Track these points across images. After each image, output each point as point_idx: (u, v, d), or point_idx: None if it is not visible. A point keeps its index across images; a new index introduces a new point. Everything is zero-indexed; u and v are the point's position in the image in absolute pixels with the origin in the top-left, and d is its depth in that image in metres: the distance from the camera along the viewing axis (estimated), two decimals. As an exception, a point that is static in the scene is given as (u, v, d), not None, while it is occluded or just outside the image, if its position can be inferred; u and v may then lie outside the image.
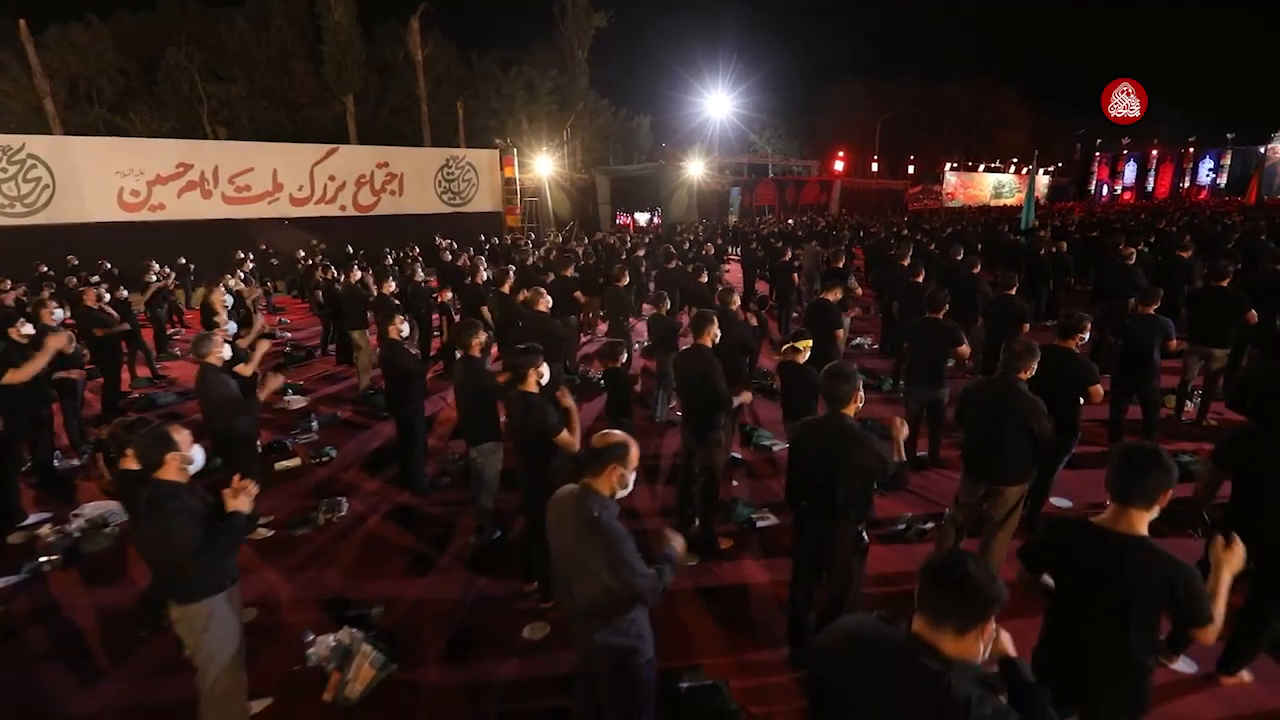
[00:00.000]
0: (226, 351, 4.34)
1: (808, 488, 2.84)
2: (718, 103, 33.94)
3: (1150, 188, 48.57)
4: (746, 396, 4.33)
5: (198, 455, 2.56)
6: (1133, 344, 5.01)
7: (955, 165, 42.48)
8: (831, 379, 2.75)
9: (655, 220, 27.55)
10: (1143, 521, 1.93)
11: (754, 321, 5.58)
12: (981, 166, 44.54)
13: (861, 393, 2.77)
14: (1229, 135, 49.01)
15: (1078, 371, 3.89)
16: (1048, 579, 2.13)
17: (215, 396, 4.05)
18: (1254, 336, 5.85)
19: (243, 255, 14.64)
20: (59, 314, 5.93)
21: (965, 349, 4.80)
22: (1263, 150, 38.38)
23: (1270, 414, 2.84)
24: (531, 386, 3.39)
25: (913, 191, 39.98)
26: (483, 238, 19.15)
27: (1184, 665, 2.96)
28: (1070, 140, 49.22)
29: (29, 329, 5.28)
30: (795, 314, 10.36)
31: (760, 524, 4.37)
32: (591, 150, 30.49)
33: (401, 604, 3.67)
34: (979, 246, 13.11)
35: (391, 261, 14.46)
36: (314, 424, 6.27)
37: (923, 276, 7.71)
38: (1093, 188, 49.29)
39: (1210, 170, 49.76)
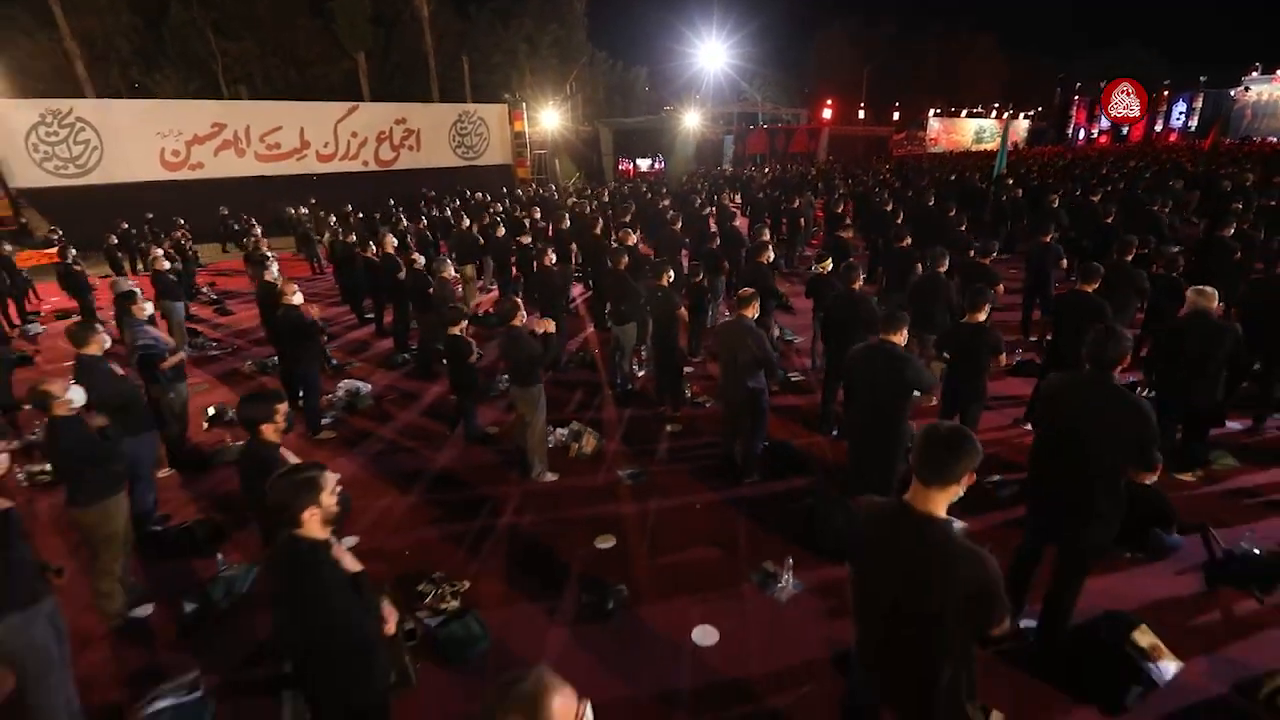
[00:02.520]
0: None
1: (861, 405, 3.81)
2: (711, 53, 33.71)
3: (1125, 131, 48.67)
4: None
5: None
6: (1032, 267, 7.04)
7: (939, 111, 42.38)
8: (889, 318, 3.79)
9: (656, 166, 27.97)
10: (942, 503, 1.77)
11: (769, 257, 6.64)
12: (964, 112, 44.45)
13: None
14: (1202, 78, 48.84)
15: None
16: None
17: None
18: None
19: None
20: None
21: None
22: (1231, 93, 38.56)
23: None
24: (665, 280, 5.64)
25: (897, 138, 40.12)
26: (534, 189, 19.81)
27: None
28: (1049, 84, 48.86)
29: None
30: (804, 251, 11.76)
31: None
32: (593, 103, 30.50)
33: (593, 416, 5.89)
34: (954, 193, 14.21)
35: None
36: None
37: (902, 218, 8.87)
38: (1070, 131, 49.32)
39: (1181, 114, 49.80)
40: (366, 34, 25.42)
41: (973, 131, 44.02)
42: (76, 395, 3.34)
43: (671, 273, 5.88)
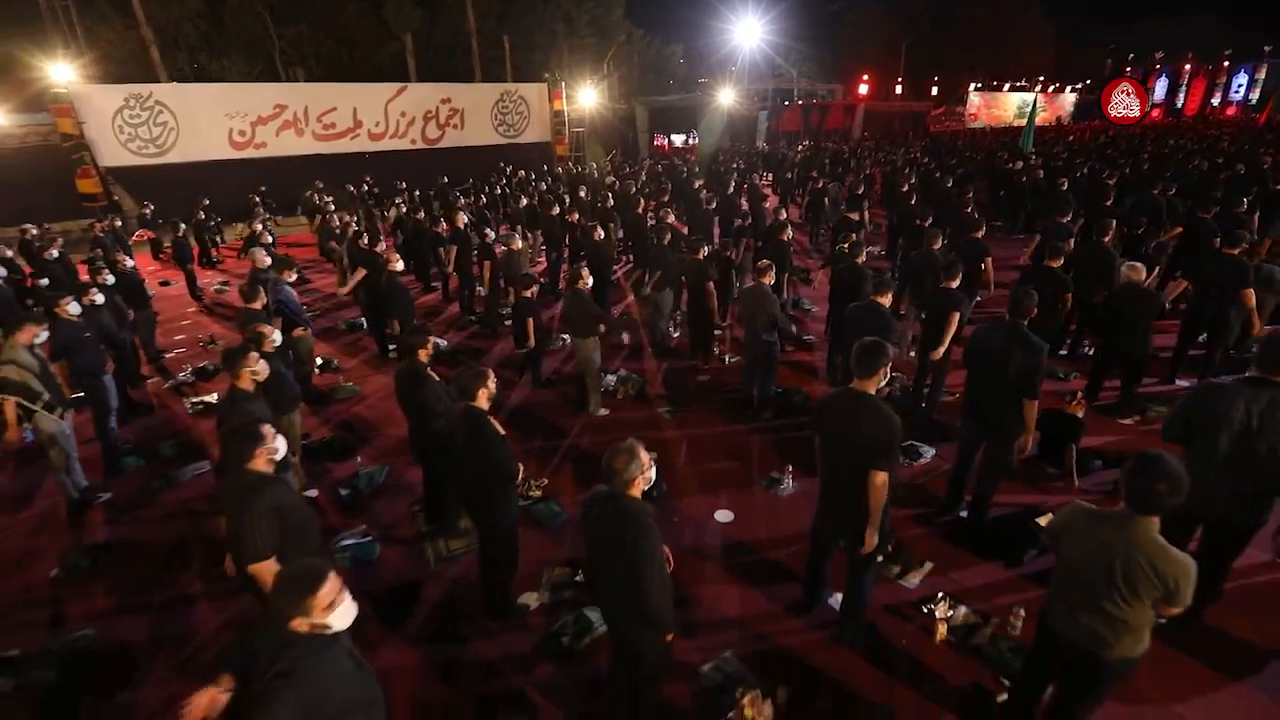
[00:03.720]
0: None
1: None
2: (747, 28, 33.96)
3: (1180, 104, 46.99)
4: None
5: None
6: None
7: (979, 86, 41.73)
8: (878, 283, 4.89)
9: (690, 141, 28.64)
10: (871, 385, 2.89)
11: (788, 234, 7.66)
12: (1007, 86, 43.62)
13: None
14: (1266, 47, 46.77)
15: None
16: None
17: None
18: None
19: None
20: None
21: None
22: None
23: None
24: (700, 255, 6.59)
25: (935, 114, 39.78)
26: (576, 167, 20.95)
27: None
28: (1099, 56, 47.49)
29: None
30: (823, 230, 12.57)
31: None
32: (628, 81, 31.22)
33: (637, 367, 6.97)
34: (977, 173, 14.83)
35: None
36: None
37: (920, 199, 9.76)
38: (1120, 105, 47.90)
39: (1241, 85, 47.84)
40: (413, 16, 26.55)
41: (1015, 106, 43.27)
42: (276, 335, 4.69)
43: (706, 249, 7.00)
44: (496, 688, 3.25)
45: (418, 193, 16.32)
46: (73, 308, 5.62)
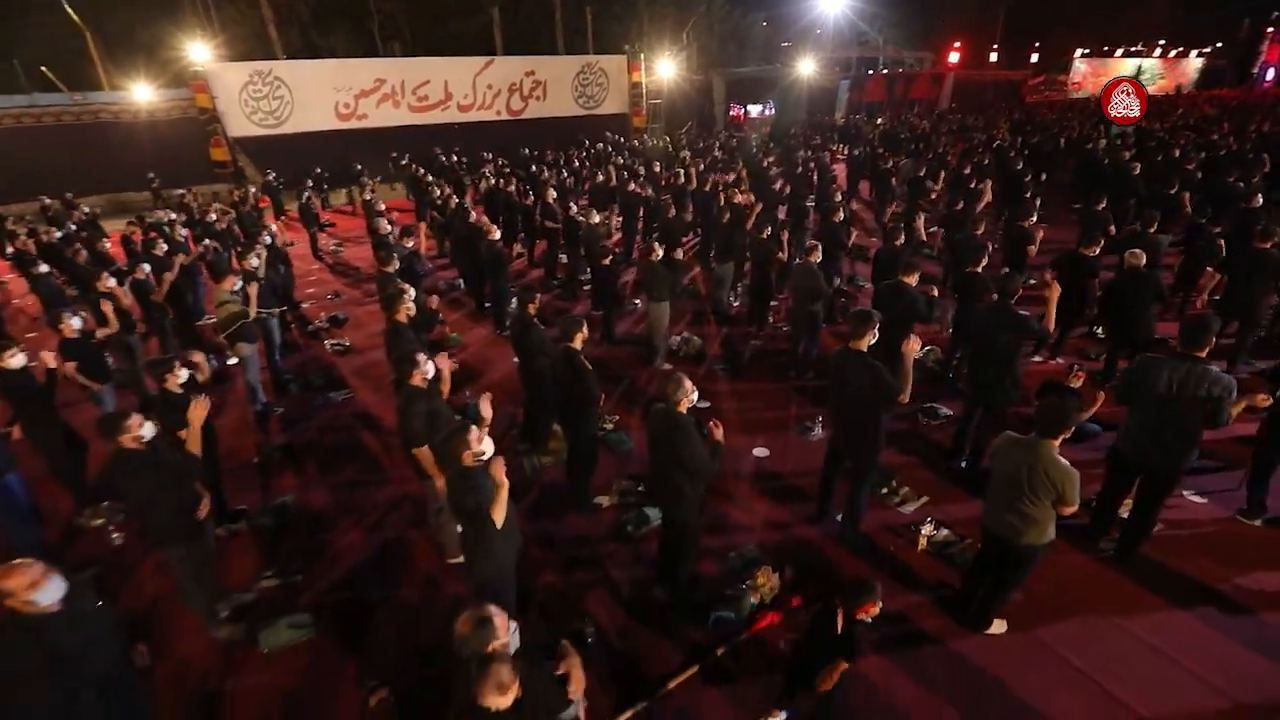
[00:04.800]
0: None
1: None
2: (832, -7, 33.19)
3: (1329, 69, 42.02)
4: None
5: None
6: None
7: (1087, 52, 38.94)
8: (905, 265, 5.71)
9: (767, 112, 28.72)
10: (864, 343, 3.85)
11: (840, 216, 8.38)
12: (1120, 51, 40.44)
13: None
14: None
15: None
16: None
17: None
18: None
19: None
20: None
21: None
22: None
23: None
24: (764, 235, 7.49)
25: (1033, 83, 37.58)
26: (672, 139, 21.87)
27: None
28: (1233, 14, 43.01)
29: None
30: (890, 208, 13.03)
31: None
32: (707, 51, 31.40)
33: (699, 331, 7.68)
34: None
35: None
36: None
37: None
38: (1256, 71, 43.38)
39: None
40: (500, -13, 27.71)
41: (1128, 74, 40.20)
42: (412, 292, 6.00)
43: (770, 228, 7.90)
44: (580, 554, 4.47)
45: (504, 164, 17.68)
46: (252, 260, 7.22)
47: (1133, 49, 41.00)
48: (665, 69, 26.41)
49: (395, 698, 3.47)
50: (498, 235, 8.07)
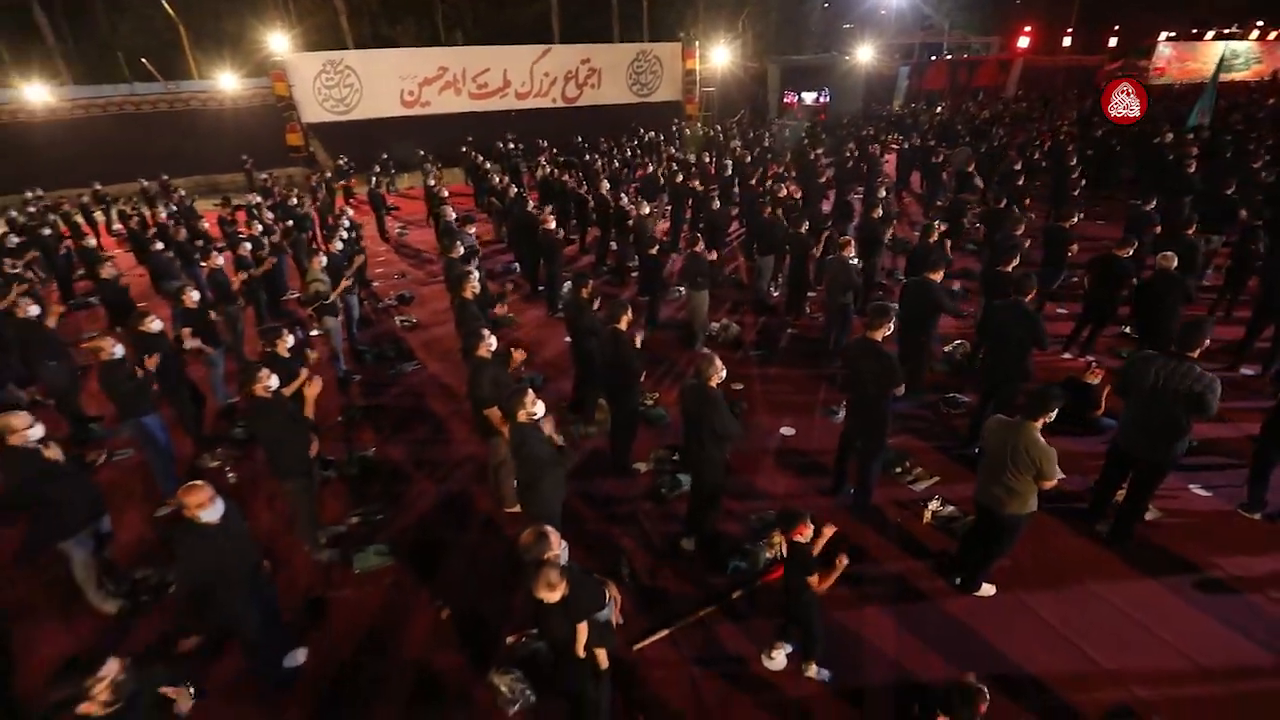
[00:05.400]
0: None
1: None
2: (896, -25, 32.43)
3: None
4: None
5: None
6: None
7: (1173, 35, 36.75)
8: (932, 262, 6.13)
9: (822, 99, 28.48)
10: (879, 336, 4.34)
11: (879, 213, 8.69)
12: (1210, 34, 37.98)
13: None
14: None
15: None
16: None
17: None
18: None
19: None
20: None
21: None
22: None
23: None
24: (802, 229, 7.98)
25: (1109, 68, 35.79)
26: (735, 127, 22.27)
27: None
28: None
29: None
30: (940, 203, 13.12)
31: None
32: (763, 38, 31.28)
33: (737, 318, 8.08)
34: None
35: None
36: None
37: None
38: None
39: None
40: (559, -25, 28.30)
41: (1219, 58, 37.79)
42: (475, 274, 6.74)
43: (807, 222, 8.32)
44: (619, 511, 5.13)
45: (557, 152, 18.40)
46: (336, 243, 8.12)
47: (1225, 30, 38.46)
48: (720, 56, 26.55)
49: (457, 616, 4.21)
50: (552, 223, 8.74)
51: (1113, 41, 39.93)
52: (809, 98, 28.86)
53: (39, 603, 4.37)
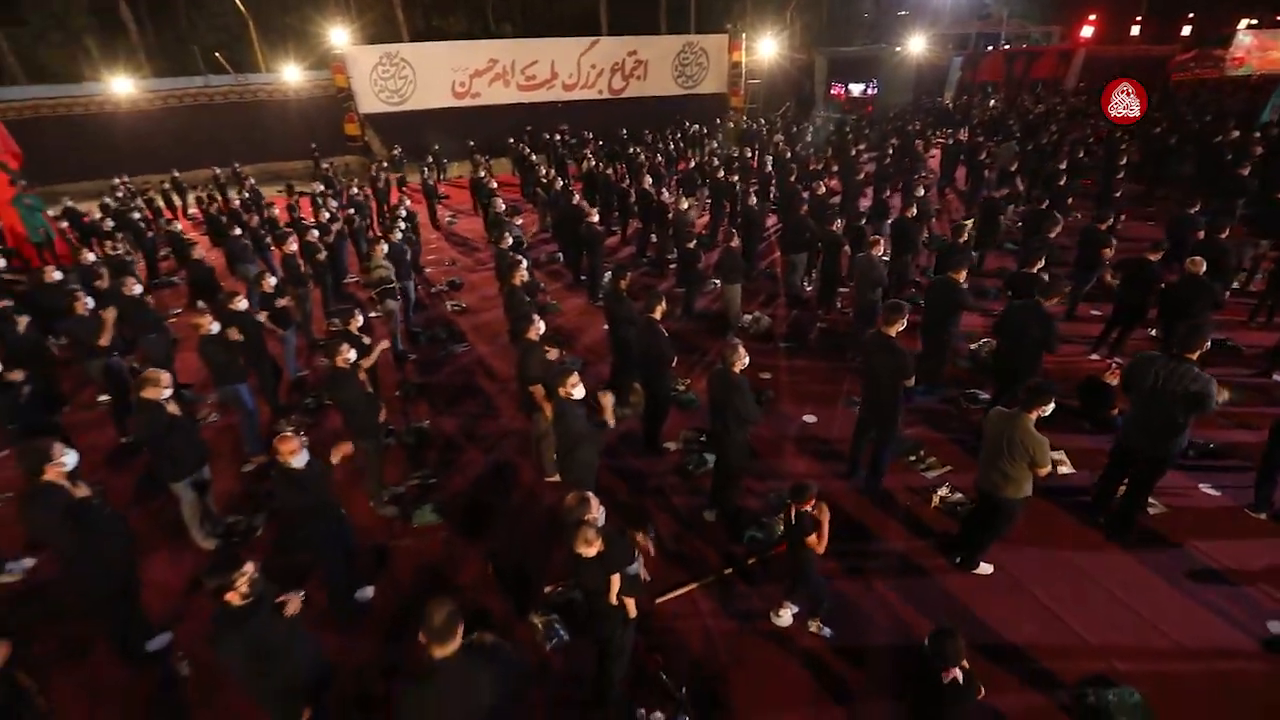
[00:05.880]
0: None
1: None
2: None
3: None
4: None
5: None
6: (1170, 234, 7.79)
7: (1254, 22, 34.73)
8: (956, 262, 6.41)
9: (870, 91, 28.16)
10: (894, 330, 4.72)
11: (914, 212, 8.88)
12: (1297, 22, 35.61)
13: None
14: None
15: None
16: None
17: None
18: None
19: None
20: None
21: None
22: None
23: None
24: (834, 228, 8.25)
25: (1181, 59, 34.13)
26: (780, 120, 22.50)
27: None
28: None
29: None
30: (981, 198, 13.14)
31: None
32: (811, 29, 31.03)
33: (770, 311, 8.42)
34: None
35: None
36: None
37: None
38: None
39: None
40: (607, -34, 28.68)
41: (1304, 47, 35.54)
42: (524, 263, 7.30)
43: (840, 219, 8.61)
44: (648, 484, 5.63)
45: (602, 144, 18.92)
46: (396, 233, 8.81)
47: (1314, 19, 36.04)
48: (767, 48, 26.53)
49: (501, 568, 4.78)
50: (596, 217, 9.25)
51: (1186, 30, 37.96)
52: (856, 89, 28.53)
53: (154, 538, 5.15)
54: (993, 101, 26.62)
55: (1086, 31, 32.97)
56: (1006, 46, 34.27)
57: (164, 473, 4.58)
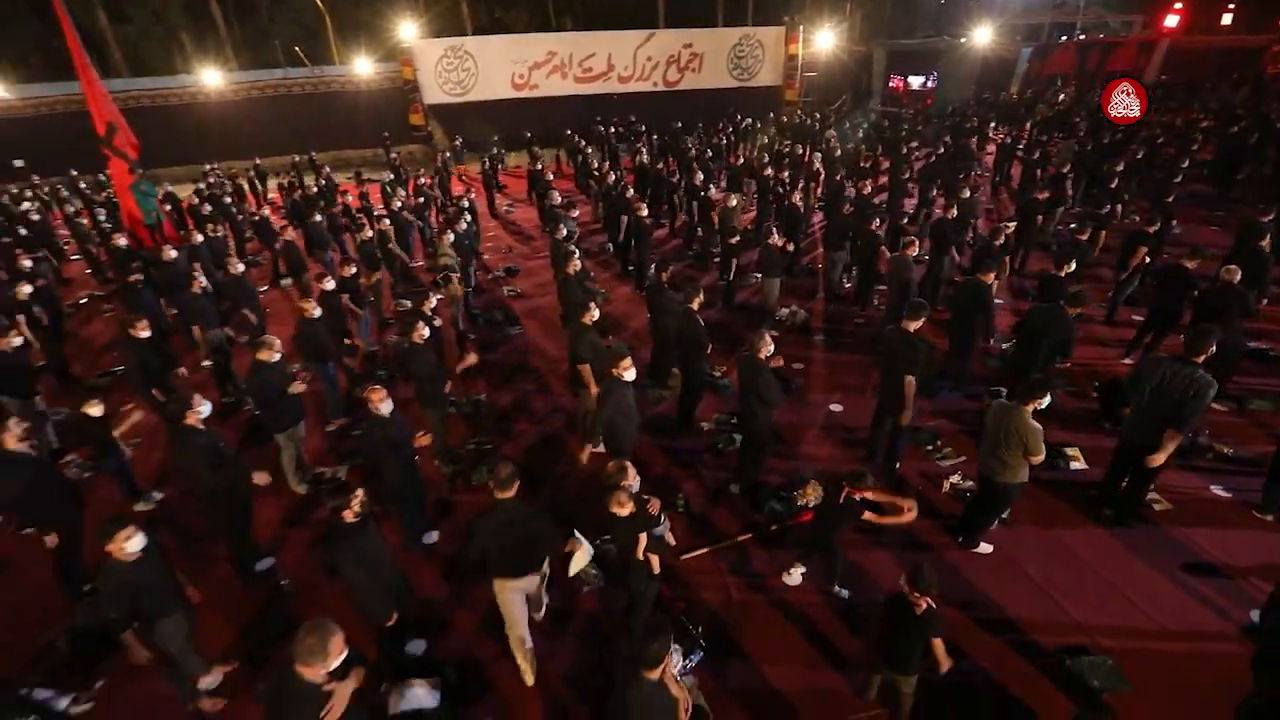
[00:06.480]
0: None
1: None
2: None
3: None
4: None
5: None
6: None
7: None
8: (984, 265, 6.75)
9: (929, 84, 27.71)
10: (913, 327, 5.13)
11: (954, 213, 9.13)
12: None
13: None
14: None
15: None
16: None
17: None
18: None
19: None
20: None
21: None
22: None
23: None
24: (873, 227, 8.64)
25: (1277, 50, 32.08)
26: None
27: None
28: None
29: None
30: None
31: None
32: (872, 20, 30.63)
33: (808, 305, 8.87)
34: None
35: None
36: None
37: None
38: None
39: None
40: (666, -42, 28.98)
41: None
42: (577, 254, 7.98)
43: (878, 219, 8.96)
44: (681, 460, 6.24)
45: (655, 136, 19.47)
46: (462, 224, 9.63)
47: None
48: (824, 40, 26.44)
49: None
50: (645, 210, 9.85)
51: (1285, 19, 35.45)
52: (916, 82, 28.10)
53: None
54: (1061, 96, 25.79)
55: (1171, 21, 31.27)
56: (1082, 37, 32.96)
57: (272, 424, 5.47)
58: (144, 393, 6.40)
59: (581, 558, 3.99)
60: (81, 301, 11.26)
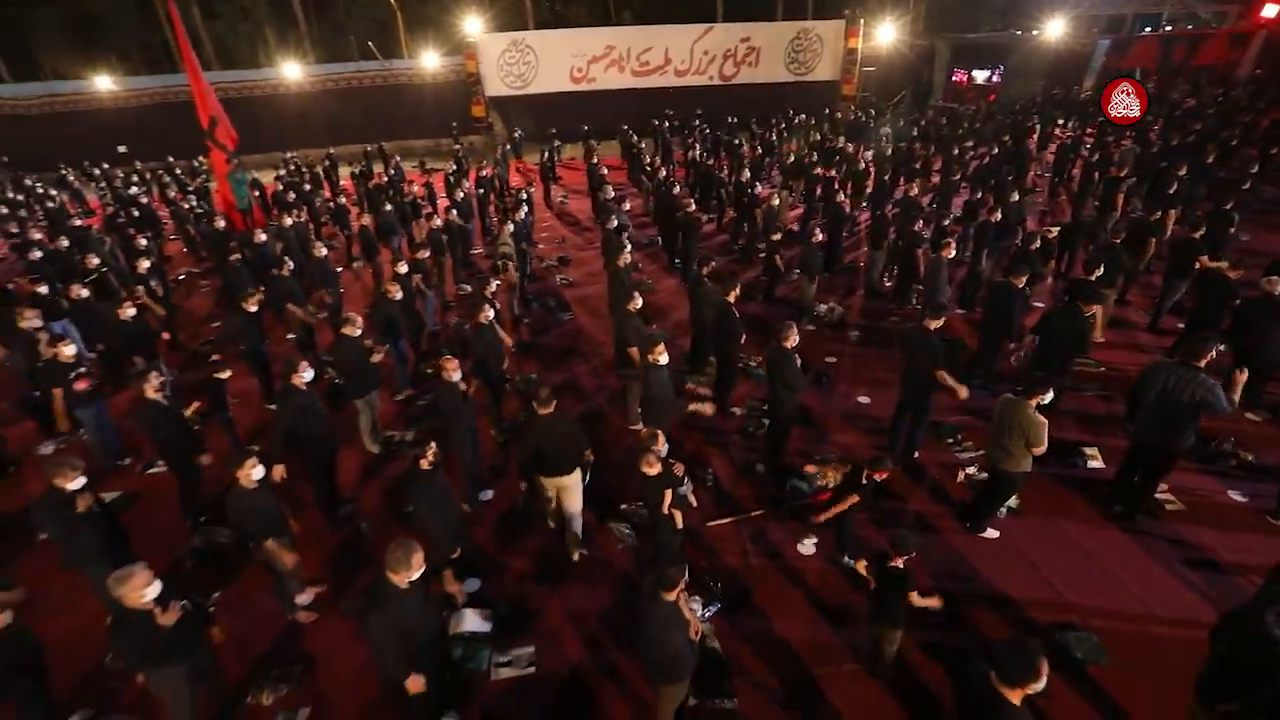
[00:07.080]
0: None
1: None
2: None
3: None
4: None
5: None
6: None
7: None
8: (1016, 269, 7.06)
9: (995, 78, 27.03)
10: (932, 325, 5.52)
11: (996, 217, 9.29)
12: None
13: None
14: None
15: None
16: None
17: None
18: None
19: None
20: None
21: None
22: None
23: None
24: (915, 227, 8.87)
25: (1390, 44, 29.71)
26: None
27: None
28: None
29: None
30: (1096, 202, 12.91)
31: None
32: (935, 12, 29.93)
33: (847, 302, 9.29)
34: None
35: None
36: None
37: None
38: None
39: None
40: (726, -49, 29.12)
41: None
42: (629, 246, 8.60)
43: (920, 220, 9.24)
44: (712, 439, 6.81)
45: (708, 131, 19.89)
46: (520, 214, 10.39)
47: None
48: (885, 33, 26.15)
49: (589, 491, 6.12)
50: (693, 205, 10.38)
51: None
52: (980, 76, 27.44)
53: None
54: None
55: (1269, 11, 29.29)
56: (1168, 28, 31.36)
57: (352, 390, 6.32)
58: (250, 361, 7.38)
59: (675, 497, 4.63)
60: (180, 278, 12.59)
